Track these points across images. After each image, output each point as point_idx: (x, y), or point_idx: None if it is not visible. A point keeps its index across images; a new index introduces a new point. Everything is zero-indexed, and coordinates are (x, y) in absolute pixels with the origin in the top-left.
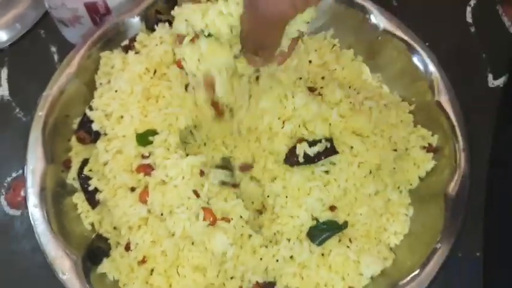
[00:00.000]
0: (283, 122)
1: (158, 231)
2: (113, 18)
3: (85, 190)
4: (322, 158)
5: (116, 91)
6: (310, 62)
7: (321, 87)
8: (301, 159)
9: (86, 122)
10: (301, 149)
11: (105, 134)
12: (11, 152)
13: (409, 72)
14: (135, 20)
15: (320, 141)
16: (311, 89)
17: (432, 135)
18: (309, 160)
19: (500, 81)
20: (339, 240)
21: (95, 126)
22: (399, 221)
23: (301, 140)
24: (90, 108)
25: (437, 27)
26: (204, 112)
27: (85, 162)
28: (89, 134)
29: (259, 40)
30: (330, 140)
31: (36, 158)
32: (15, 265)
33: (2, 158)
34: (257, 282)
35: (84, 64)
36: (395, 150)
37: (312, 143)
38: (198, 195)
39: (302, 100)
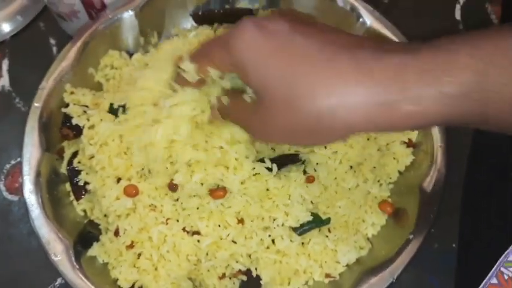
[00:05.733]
0: None
1: (146, 219)
2: (108, 13)
3: (72, 182)
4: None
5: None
6: None
7: None
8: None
9: (66, 119)
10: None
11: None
12: (10, 140)
13: None
14: (130, 14)
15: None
16: None
17: (412, 130)
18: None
19: None
20: (319, 230)
21: (74, 121)
22: (377, 213)
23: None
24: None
25: (426, 24)
26: None
27: (75, 154)
28: (71, 130)
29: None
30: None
31: (32, 146)
32: (12, 247)
33: (1, 146)
34: (240, 270)
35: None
36: (378, 149)
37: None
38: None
39: None
